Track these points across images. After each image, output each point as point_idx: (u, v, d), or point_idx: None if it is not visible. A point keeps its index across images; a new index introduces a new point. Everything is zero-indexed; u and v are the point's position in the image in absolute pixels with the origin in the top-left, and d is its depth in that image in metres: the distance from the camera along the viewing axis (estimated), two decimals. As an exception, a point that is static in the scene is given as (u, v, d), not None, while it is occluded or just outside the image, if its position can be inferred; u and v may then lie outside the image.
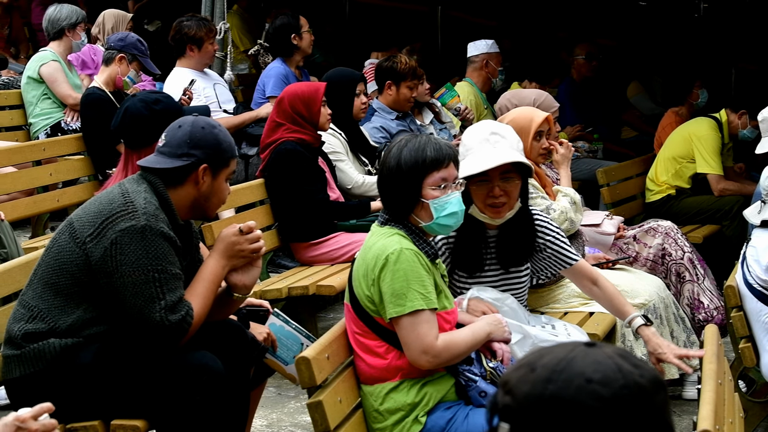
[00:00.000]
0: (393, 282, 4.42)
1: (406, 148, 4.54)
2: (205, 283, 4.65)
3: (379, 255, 4.47)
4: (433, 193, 4.53)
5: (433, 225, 4.57)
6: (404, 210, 4.56)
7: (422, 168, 4.51)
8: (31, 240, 8.13)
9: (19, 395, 4.63)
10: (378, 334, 4.55)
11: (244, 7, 13.48)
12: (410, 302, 4.42)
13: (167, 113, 5.46)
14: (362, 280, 4.53)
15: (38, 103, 9.83)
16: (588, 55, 11.63)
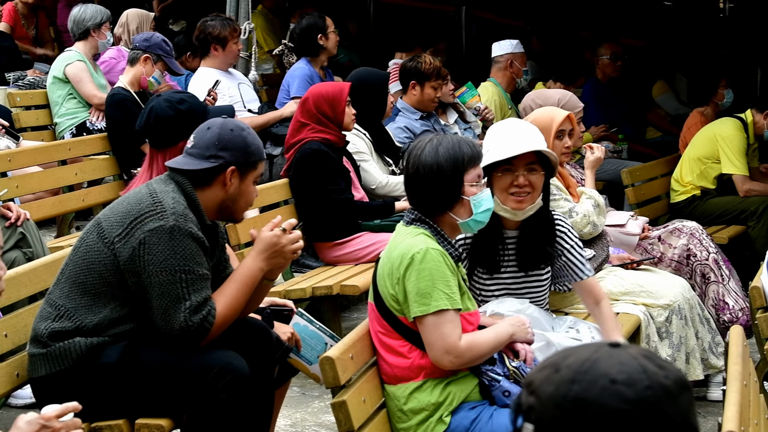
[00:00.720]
0: (418, 281, 4.43)
1: (441, 146, 4.57)
2: (237, 284, 4.66)
3: (404, 254, 4.48)
4: (472, 190, 4.57)
5: (470, 221, 4.60)
6: (441, 207, 4.58)
7: (462, 165, 4.54)
8: (56, 239, 8.16)
9: (44, 394, 4.65)
10: (401, 334, 4.56)
11: (269, 8, 13.49)
12: (435, 302, 4.42)
13: (192, 113, 5.47)
14: (387, 279, 4.54)
15: (64, 103, 9.86)
16: (613, 55, 11.59)
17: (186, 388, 4.56)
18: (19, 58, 11.06)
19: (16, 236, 6.21)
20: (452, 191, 4.55)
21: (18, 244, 6.21)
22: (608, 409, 2.09)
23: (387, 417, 4.61)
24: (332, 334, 5.29)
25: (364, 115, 7.96)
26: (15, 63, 10.86)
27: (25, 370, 4.71)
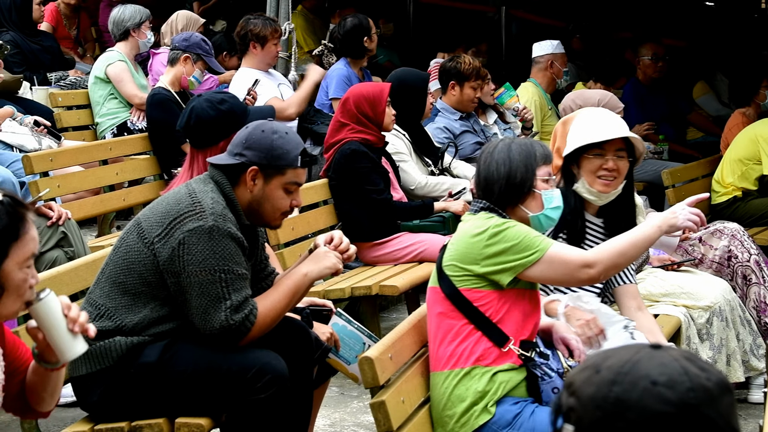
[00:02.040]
0: (510, 241, 4.54)
1: (513, 143, 4.74)
2: (284, 290, 4.68)
3: (482, 230, 4.58)
4: (543, 185, 4.71)
5: (541, 216, 4.72)
6: (514, 199, 4.69)
7: (534, 159, 4.70)
8: (97, 239, 8.20)
9: (85, 392, 4.68)
10: (465, 313, 4.59)
11: (309, 8, 13.52)
12: (538, 246, 4.55)
13: (233, 113, 5.49)
14: (461, 260, 4.60)
15: (105, 103, 9.92)
16: (654, 56, 11.54)
17: (225, 388, 4.57)
18: (62, 58, 11.13)
19: (58, 235, 6.24)
20: (524, 183, 4.68)
21: (59, 244, 6.24)
22: (649, 411, 2.08)
23: (427, 417, 4.60)
24: (370, 333, 5.30)
25: (403, 115, 7.96)
26: (57, 63, 10.92)
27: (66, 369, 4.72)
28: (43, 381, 3.83)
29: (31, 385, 3.86)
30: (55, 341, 3.66)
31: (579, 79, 11.53)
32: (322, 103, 9.77)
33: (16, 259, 3.47)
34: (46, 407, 3.94)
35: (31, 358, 3.86)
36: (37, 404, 3.90)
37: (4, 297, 3.48)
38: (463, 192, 7.88)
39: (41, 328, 3.64)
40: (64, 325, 3.64)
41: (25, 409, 3.94)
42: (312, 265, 4.74)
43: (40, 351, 3.72)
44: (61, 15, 12.15)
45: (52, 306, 3.63)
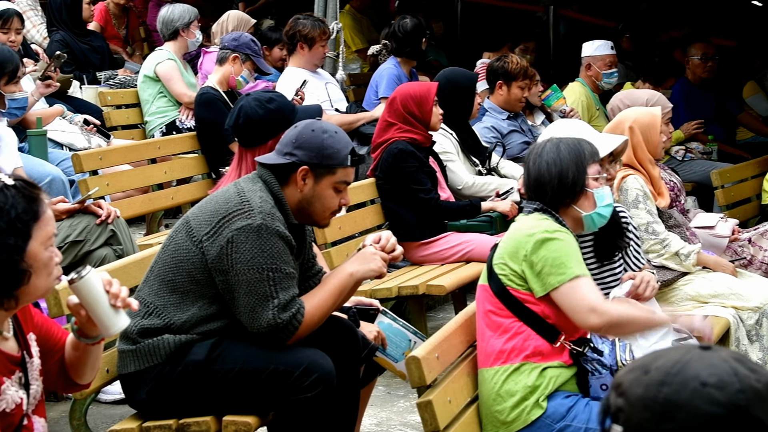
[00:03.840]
0: (551, 253, 4.52)
1: (562, 143, 4.75)
2: (330, 288, 4.69)
3: (533, 232, 4.58)
4: (595, 183, 4.73)
5: (594, 214, 4.75)
6: (566, 199, 4.69)
7: (584, 158, 4.71)
8: (145, 237, 8.24)
9: (133, 390, 4.71)
10: (513, 311, 4.59)
11: (357, 7, 13.53)
12: (570, 270, 4.51)
13: (281, 112, 5.50)
14: (508, 257, 4.60)
15: (154, 102, 9.97)
16: (704, 56, 11.46)
17: (272, 386, 4.59)
18: (111, 57, 11.20)
19: (107, 234, 6.28)
20: (577, 184, 4.68)
21: (108, 242, 6.27)
22: (698, 412, 2.06)
23: (474, 416, 4.60)
24: (416, 330, 5.30)
25: (451, 114, 7.95)
26: (106, 62, 11.00)
27: (114, 366, 4.76)
28: (83, 356, 3.88)
29: (71, 361, 3.90)
30: (98, 317, 3.70)
31: (627, 79, 11.47)
32: (371, 103, 9.78)
33: (39, 240, 3.52)
34: (87, 379, 3.99)
35: (65, 335, 3.90)
36: (79, 377, 3.95)
37: (34, 278, 3.52)
38: (511, 192, 7.86)
39: (84, 305, 3.69)
40: (107, 300, 3.69)
41: (68, 384, 3.99)
42: (358, 264, 4.74)
43: (81, 326, 3.77)
44: (110, 14, 12.22)
45: (94, 283, 3.67)
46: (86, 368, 3.92)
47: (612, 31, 12.91)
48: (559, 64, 13.21)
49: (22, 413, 3.64)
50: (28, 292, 3.54)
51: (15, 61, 6.67)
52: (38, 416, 3.76)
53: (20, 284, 3.49)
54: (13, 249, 3.46)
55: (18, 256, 3.47)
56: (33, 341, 3.77)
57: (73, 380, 3.95)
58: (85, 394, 4.71)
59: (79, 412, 4.80)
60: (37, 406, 3.77)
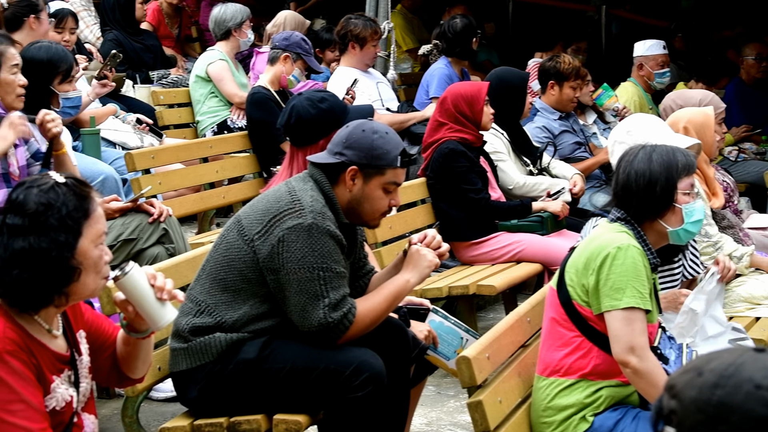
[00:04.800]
0: (614, 275, 4.40)
1: (655, 152, 4.58)
2: (385, 293, 4.70)
3: (605, 246, 4.46)
4: (685, 198, 4.58)
5: (680, 231, 4.60)
6: (652, 214, 4.57)
7: (675, 172, 4.55)
8: (197, 235, 8.28)
9: (184, 388, 4.73)
10: (577, 325, 4.52)
11: (408, 7, 13.54)
12: (627, 298, 4.38)
13: (332, 112, 5.51)
14: (580, 267, 4.50)
15: (205, 102, 10.02)
16: (758, 56, 11.36)
17: (322, 385, 4.59)
18: (163, 56, 11.27)
19: (159, 232, 6.31)
20: (665, 198, 4.55)
21: (160, 240, 6.31)
22: (752, 415, 2.05)
23: (525, 418, 4.58)
24: (467, 328, 5.30)
25: (502, 114, 7.94)
26: (159, 62, 11.06)
27: (166, 364, 4.79)
28: (134, 350, 3.90)
29: (122, 356, 3.93)
30: (145, 311, 3.73)
31: (680, 79, 11.40)
32: (422, 102, 9.78)
33: (89, 237, 3.54)
34: (140, 374, 4.02)
35: (116, 331, 3.93)
36: (131, 372, 3.98)
37: (83, 276, 3.55)
38: (562, 192, 7.84)
39: (130, 300, 3.72)
40: (152, 294, 3.72)
41: (120, 379, 4.01)
42: (412, 270, 4.75)
43: (130, 322, 3.79)
44: (162, 14, 12.29)
45: (138, 278, 3.70)
46: (138, 363, 3.95)
47: (664, 30, 12.84)
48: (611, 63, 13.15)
49: (72, 411, 3.67)
50: (77, 290, 3.57)
51: (69, 61, 6.72)
52: (88, 413, 3.79)
53: (70, 281, 3.52)
54: (63, 246, 3.48)
55: (68, 253, 3.49)
56: (83, 339, 3.80)
57: (126, 375, 3.98)
58: (137, 392, 4.74)
59: (131, 409, 4.84)
60: (87, 403, 3.79)
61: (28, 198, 3.50)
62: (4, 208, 3.55)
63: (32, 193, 3.50)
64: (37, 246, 3.47)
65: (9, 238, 3.49)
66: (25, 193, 3.51)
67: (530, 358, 4.76)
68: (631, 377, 4.40)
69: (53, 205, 3.49)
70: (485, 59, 13.29)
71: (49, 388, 3.56)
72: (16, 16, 8.30)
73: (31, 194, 3.50)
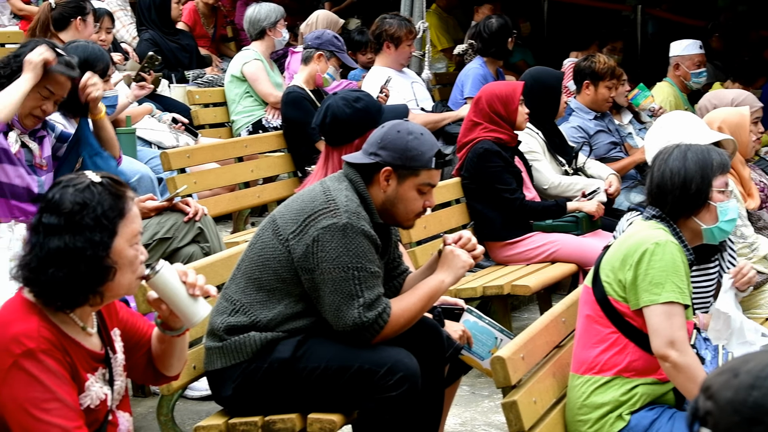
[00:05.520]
0: (652, 270, 4.41)
1: (690, 151, 4.60)
2: (419, 294, 4.70)
3: (643, 241, 4.47)
4: (719, 197, 4.59)
5: (714, 228, 4.61)
6: (687, 211, 4.58)
7: (710, 170, 4.57)
8: (232, 235, 8.30)
9: (219, 386, 4.75)
10: (613, 322, 4.52)
11: (443, 6, 13.53)
12: (666, 293, 4.40)
13: (368, 111, 5.51)
14: (616, 264, 4.50)
15: (240, 101, 10.04)
16: (795, 56, 11.31)
17: (357, 385, 4.60)
18: (199, 56, 11.30)
19: (194, 231, 6.33)
20: (699, 196, 4.56)
21: (196, 239, 6.33)
22: (789, 417, 2.04)
23: (559, 418, 4.58)
24: (501, 328, 5.30)
25: (537, 114, 7.92)
26: (195, 62, 11.10)
27: (201, 363, 4.80)
28: (169, 348, 3.92)
29: (158, 354, 3.95)
30: (179, 308, 3.75)
31: (717, 79, 11.34)
32: (457, 102, 9.77)
33: (125, 237, 3.56)
34: (175, 371, 4.03)
35: (151, 329, 3.95)
36: (166, 370, 3.99)
37: (118, 275, 3.56)
38: (597, 192, 7.82)
39: (163, 299, 3.73)
40: (185, 291, 3.73)
41: (156, 377, 4.03)
42: (446, 270, 4.76)
43: (164, 320, 3.81)
44: (198, 14, 12.33)
45: (169, 276, 3.71)
46: (173, 360, 3.96)
47: (701, 30, 12.78)
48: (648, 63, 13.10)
49: (107, 409, 3.68)
50: (112, 289, 3.58)
51: (105, 60, 6.75)
52: (123, 411, 3.81)
53: (105, 280, 3.54)
54: (98, 245, 3.50)
55: (103, 252, 3.51)
56: (117, 337, 3.82)
57: (162, 373, 3.99)
58: (172, 390, 4.75)
59: (166, 408, 4.85)
60: (122, 401, 3.81)
61: (64, 197, 3.51)
62: (40, 207, 3.57)
63: (68, 192, 3.52)
64: (73, 245, 3.48)
65: (45, 237, 3.50)
66: (61, 192, 3.53)
67: (565, 359, 4.75)
68: (670, 372, 4.40)
69: (89, 205, 3.50)
70: (520, 59, 13.26)
71: (84, 387, 3.57)
72: (64, 16, 8.40)
73: (67, 193, 3.52)
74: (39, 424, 3.39)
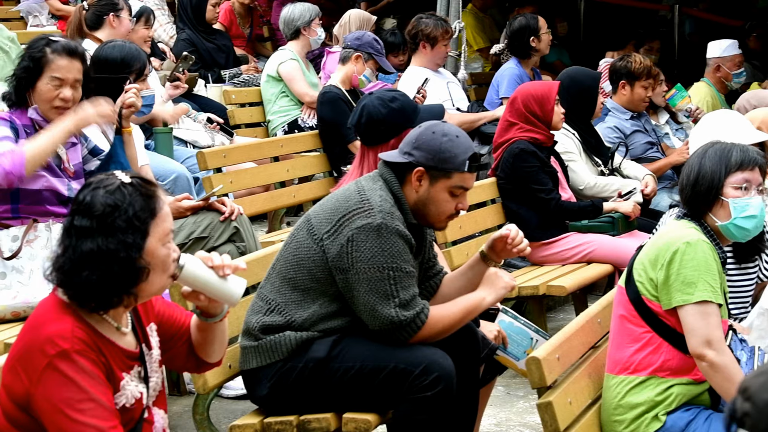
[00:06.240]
0: (684, 269, 4.39)
1: (712, 148, 4.60)
2: (460, 305, 4.70)
3: (674, 241, 4.45)
4: (734, 193, 4.55)
5: (729, 225, 4.57)
6: (703, 206, 4.57)
7: (726, 165, 4.55)
8: (267, 234, 8.32)
9: (254, 386, 4.76)
10: (647, 321, 4.50)
11: (479, 6, 13.52)
12: (699, 292, 4.38)
13: (403, 111, 5.51)
14: (648, 264, 4.49)
15: (276, 101, 10.07)
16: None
17: (391, 385, 4.59)
18: (235, 56, 11.34)
19: (230, 231, 6.35)
20: (710, 191, 4.55)
21: (231, 239, 6.35)
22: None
23: (595, 419, 4.56)
24: (537, 328, 5.29)
25: (573, 114, 7.91)
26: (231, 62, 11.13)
27: (236, 362, 4.82)
28: (210, 335, 3.93)
29: (198, 342, 3.96)
30: (215, 294, 3.75)
31: (755, 79, 11.29)
32: (493, 102, 9.76)
33: (157, 236, 3.56)
34: (217, 357, 4.04)
35: (188, 318, 3.96)
36: (208, 356, 4.00)
37: (152, 275, 3.57)
38: (633, 192, 7.79)
39: (197, 290, 3.73)
40: (215, 276, 3.73)
41: (198, 364, 4.03)
42: (489, 288, 4.76)
43: (205, 308, 3.82)
44: (234, 14, 12.37)
45: (195, 267, 3.71)
46: (215, 346, 3.97)
47: (739, 30, 12.72)
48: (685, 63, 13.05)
49: (142, 407, 3.69)
50: (145, 289, 3.59)
51: (142, 59, 6.77)
52: (158, 408, 3.81)
53: (138, 281, 3.54)
54: (131, 246, 3.50)
55: (136, 254, 3.51)
56: (153, 332, 3.82)
57: (203, 360, 4.00)
58: (208, 389, 4.77)
59: (201, 406, 4.87)
60: (158, 397, 3.82)
61: (95, 199, 3.52)
62: (71, 209, 3.57)
63: (99, 194, 3.53)
64: (105, 247, 3.49)
65: (77, 240, 3.51)
66: (92, 194, 3.53)
67: (601, 359, 4.73)
68: (706, 371, 4.38)
69: (120, 206, 3.51)
70: (556, 59, 13.23)
71: (119, 386, 3.58)
72: (97, 15, 8.53)
73: (98, 195, 3.52)
74: (74, 425, 3.40)
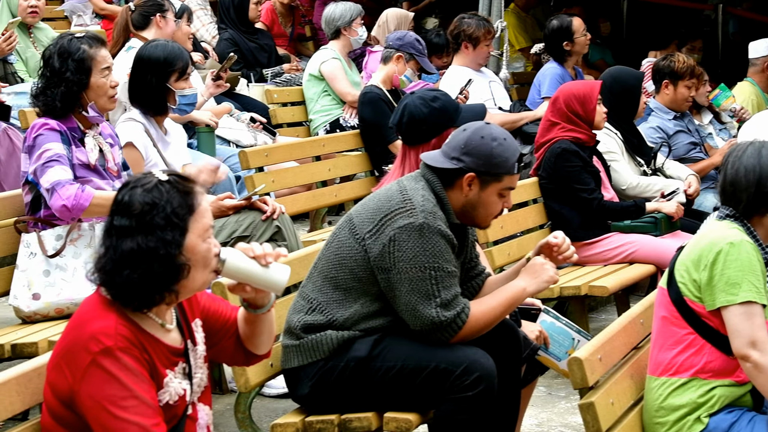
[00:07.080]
0: (728, 269, 4.36)
1: (764, 148, 4.53)
2: (500, 298, 4.70)
3: (717, 241, 4.42)
4: None
5: None
6: (760, 208, 4.51)
7: None
8: (309, 233, 8.33)
9: (296, 384, 4.77)
10: (690, 322, 4.48)
11: (521, 6, 13.49)
12: (744, 292, 4.35)
13: (445, 111, 5.50)
14: (690, 265, 4.46)
15: (318, 100, 10.08)
16: None
17: (433, 384, 4.60)
18: (277, 56, 11.36)
19: (272, 230, 6.37)
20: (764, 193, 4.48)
21: (273, 238, 6.36)
22: None
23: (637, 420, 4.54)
24: (579, 329, 5.28)
25: (616, 114, 7.87)
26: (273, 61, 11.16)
27: (278, 361, 4.83)
28: (258, 326, 3.95)
29: (246, 334, 3.98)
30: (261, 283, 3.77)
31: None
32: (535, 102, 9.74)
33: (196, 232, 3.58)
34: (265, 349, 4.05)
35: (235, 311, 3.97)
36: (257, 348, 4.02)
37: (193, 271, 3.59)
38: (676, 193, 7.75)
39: (242, 282, 3.75)
40: (258, 266, 3.74)
41: (247, 357, 4.05)
42: (530, 279, 4.75)
43: (251, 300, 3.84)
44: (276, 13, 12.39)
45: (236, 260, 3.72)
46: (263, 337, 3.98)
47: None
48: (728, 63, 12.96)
49: (186, 404, 3.71)
50: (187, 286, 3.61)
51: (185, 58, 6.79)
52: (203, 404, 3.83)
53: (180, 278, 3.56)
54: (171, 243, 3.52)
55: (176, 251, 3.53)
56: (198, 328, 3.84)
57: (252, 352, 4.01)
58: (250, 388, 4.78)
59: (243, 405, 4.88)
60: (203, 393, 3.83)
61: (133, 198, 3.54)
62: (111, 210, 3.60)
63: (137, 193, 3.55)
64: (145, 246, 3.51)
65: (117, 240, 3.53)
66: (130, 193, 3.56)
67: (643, 360, 4.71)
68: (751, 372, 4.35)
69: (158, 204, 3.53)
70: (599, 58, 13.18)
71: (163, 383, 3.60)
72: (143, 15, 8.61)
73: (136, 194, 3.55)
74: (117, 422, 3.43)
